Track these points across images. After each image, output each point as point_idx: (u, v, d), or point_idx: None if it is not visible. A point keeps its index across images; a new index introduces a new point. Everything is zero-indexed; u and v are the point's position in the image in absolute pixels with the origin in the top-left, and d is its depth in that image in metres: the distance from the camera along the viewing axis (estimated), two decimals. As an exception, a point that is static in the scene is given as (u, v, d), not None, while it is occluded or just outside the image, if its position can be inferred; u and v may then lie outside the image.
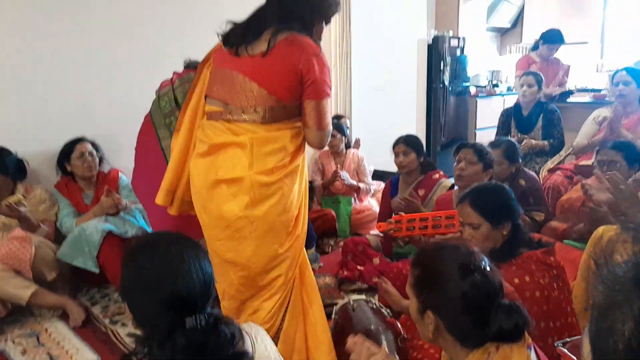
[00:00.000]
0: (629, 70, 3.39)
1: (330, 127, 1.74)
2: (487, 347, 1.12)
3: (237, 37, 1.67)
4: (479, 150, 2.54)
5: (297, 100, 1.67)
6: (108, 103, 3.18)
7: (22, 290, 2.39)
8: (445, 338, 1.16)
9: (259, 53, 1.63)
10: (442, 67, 5.36)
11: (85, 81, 3.08)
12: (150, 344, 1.01)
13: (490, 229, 1.67)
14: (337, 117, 4.22)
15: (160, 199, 1.88)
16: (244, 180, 1.64)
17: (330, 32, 4.31)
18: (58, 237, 2.81)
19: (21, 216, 2.64)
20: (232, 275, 1.72)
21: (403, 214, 2.44)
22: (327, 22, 1.79)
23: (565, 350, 0.95)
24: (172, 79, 2.63)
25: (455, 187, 2.68)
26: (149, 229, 2.85)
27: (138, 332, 1.10)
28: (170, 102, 2.50)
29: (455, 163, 2.60)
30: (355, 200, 3.78)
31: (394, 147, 3.00)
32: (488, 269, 1.16)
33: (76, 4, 2.99)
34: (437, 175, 2.98)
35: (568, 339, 0.98)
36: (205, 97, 1.81)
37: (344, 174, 3.64)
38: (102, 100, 3.16)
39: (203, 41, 2.44)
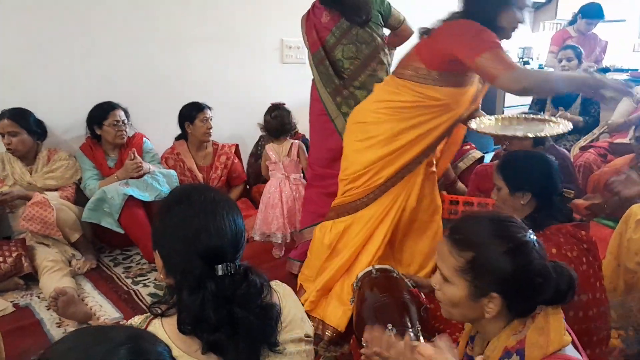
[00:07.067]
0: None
1: None
2: (523, 319, 1.09)
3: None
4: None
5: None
6: (133, 69, 3.15)
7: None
8: (497, 314, 1.10)
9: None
10: (471, 42, 5.20)
11: (110, 47, 3.05)
12: (180, 292, 1.02)
13: (507, 194, 1.66)
14: None
15: None
16: None
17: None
18: (80, 199, 2.83)
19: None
20: None
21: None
22: (520, 6, 1.86)
23: None
24: (314, 25, 2.20)
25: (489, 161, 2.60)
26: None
27: (161, 290, 1.09)
28: (330, 77, 2.20)
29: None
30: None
31: None
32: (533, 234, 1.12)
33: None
34: (467, 147, 2.94)
35: None
36: None
37: None
38: (127, 67, 3.13)
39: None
